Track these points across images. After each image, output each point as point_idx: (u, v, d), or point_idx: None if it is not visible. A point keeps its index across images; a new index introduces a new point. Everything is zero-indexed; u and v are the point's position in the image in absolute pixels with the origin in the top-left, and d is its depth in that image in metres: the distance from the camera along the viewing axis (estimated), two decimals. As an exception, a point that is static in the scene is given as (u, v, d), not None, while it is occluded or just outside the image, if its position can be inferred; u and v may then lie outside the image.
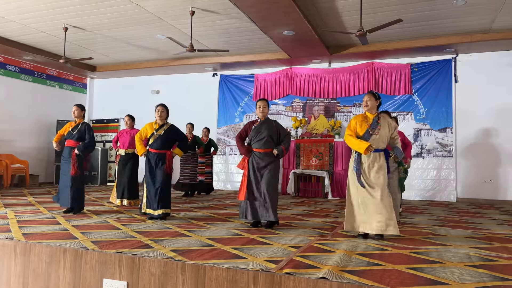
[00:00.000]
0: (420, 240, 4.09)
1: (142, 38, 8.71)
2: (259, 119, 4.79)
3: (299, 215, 5.76)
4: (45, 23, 7.87)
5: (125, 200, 6.48)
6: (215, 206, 6.67)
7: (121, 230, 4.21)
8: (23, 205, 6.13)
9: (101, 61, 10.70)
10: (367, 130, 4.09)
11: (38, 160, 10.81)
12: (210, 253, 3.26)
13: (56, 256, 3.33)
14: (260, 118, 4.77)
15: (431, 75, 9.00)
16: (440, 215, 6.25)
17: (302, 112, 10.06)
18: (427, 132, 8.95)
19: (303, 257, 3.19)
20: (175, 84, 11.31)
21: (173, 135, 5.20)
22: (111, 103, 12.04)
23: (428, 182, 8.83)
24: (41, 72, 10.93)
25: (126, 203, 6.47)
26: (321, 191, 8.97)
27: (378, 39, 8.17)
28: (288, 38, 7.80)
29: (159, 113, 5.19)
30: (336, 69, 9.73)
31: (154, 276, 3.01)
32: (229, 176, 10.46)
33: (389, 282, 2.59)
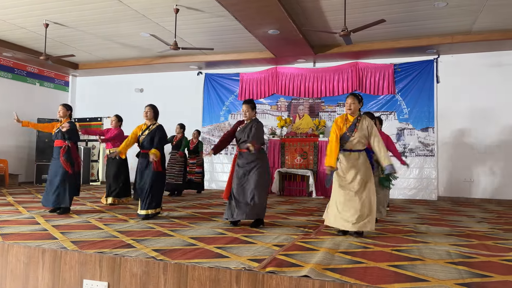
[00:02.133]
0: (402, 237, 4.14)
1: (126, 36, 8.59)
2: (246, 120, 4.80)
3: (283, 214, 5.77)
4: (25, 19, 7.70)
5: (110, 198, 6.41)
6: (199, 206, 6.63)
7: (102, 230, 4.14)
8: (2, 205, 5.98)
9: (83, 58, 10.52)
10: (345, 132, 4.16)
11: (18, 159, 10.57)
12: (192, 252, 3.24)
13: (35, 256, 3.25)
14: (246, 119, 4.78)
15: (413, 76, 9.13)
16: (422, 213, 6.35)
17: (287, 112, 10.08)
18: (410, 132, 9.08)
19: (286, 255, 3.19)
20: (159, 83, 11.20)
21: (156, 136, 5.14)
22: (94, 101, 11.86)
23: (411, 181, 8.95)
24: (21, 69, 10.69)
25: (111, 201, 6.40)
26: (305, 190, 9.01)
27: (362, 39, 8.24)
28: (273, 37, 7.80)
29: (145, 113, 5.19)
30: (320, 68, 9.78)
31: (136, 276, 2.97)
32: (214, 175, 10.42)
33: (370, 279, 2.61)
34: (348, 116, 4.25)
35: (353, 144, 4.14)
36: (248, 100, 4.80)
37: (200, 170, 8.86)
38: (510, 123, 8.41)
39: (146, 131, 5.15)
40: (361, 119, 4.20)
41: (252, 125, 4.71)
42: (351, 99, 4.20)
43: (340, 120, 4.25)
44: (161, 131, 5.17)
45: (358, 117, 4.22)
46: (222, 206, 6.60)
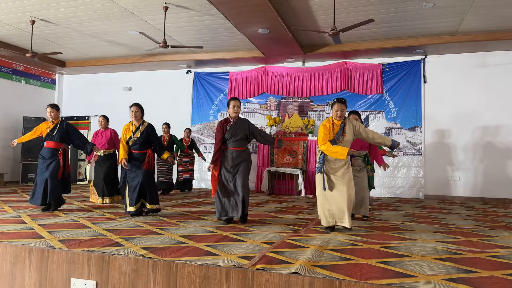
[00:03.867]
0: (389, 235, 4.19)
1: (114, 33, 8.51)
2: (232, 118, 4.77)
3: (272, 212, 5.78)
4: (11, 15, 7.57)
5: (107, 198, 6.44)
6: (189, 204, 6.61)
7: (90, 229, 4.10)
8: (-14, 205, 5.87)
9: (70, 56, 10.39)
10: (333, 139, 4.22)
11: (3, 158, 10.38)
12: (182, 250, 3.22)
13: (21, 256, 3.20)
14: (233, 117, 4.76)
15: (401, 75, 9.23)
16: (409, 211, 6.43)
17: (277, 111, 10.10)
18: (398, 131, 9.18)
19: (276, 253, 3.20)
20: (148, 81, 11.12)
21: (148, 136, 5.11)
22: (82, 100, 11.72)
23: (398, 180, 9.05)
24: (6, 66, 10.50)
25: (108, 201, 6.46)
26: (294, 189, 9.04)
27: (350, 39, 8.30)
28: (263, 36, 7.81)
29: (133, 114, 5.09)
30: (309, 68, 9.82)
31: (125, 274, 2.95)
32: (203, 174, 10.38)
33: (359, 275, 2.64)
34: (334, 121, 4.30)
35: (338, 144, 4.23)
36: (236, 97, 4.84)
37: (192, 167, 9.01)
38: (494, 123, 8.57)
39: (137, 132, 5.09)
40: (346, 122, 4.31)
41: (245, 123, 4.77)
42: (340, 106, 4.23)
43: (328, 125, 4.29)
44: (154, 131, 5.18)
45: (344, 120, 4.30)
46: (212, 205, 6.58)
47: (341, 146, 4.18)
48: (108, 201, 6.51)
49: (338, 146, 4.16)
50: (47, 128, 5.48)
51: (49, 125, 5.52)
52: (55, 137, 5.42)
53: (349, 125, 4.27)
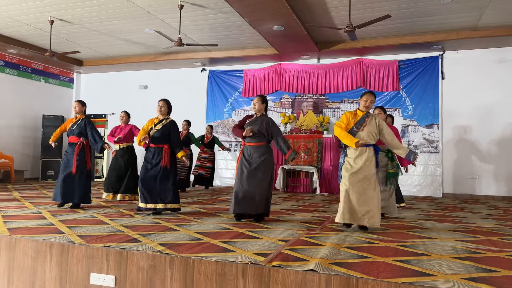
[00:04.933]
0: (407, 233, 4.14)
1: (130, 32, 8.61)
2: (255, 114, 4.82)
3: (287, 210, 5.78)
4: (31, 15, 7.73)
5: (119, 195, 6.35)
6: (204, 201, 6.65)
7: (108, 225, 4.17)
8: (8, 200, 6.02)
9: (88, 55, 10.55)
10: (352, 127, 4.20)
11: (23, 155, 10.63)
12: (198, 246, 3.25)
13: (42, 250, 3.28)
14: (256, 113, 4.80)
15: (418, 72, 9.09)
16: (427, 209, 6.34)
17: (291, 108, 10.07)
18: (414, 128, 9.06)
19: (292, 250, 3.20)
20: (163, 80, 11.22)
21: (168, 131, 5.14)
22: (99, 98, 11.88)
23: (415, 178, 8.94)
24: (26, 66, 10.74)
25: (119, 197, 6.33)
26: (309, 187, 9.01)
27: (366, 35, 8.22)
28: (277, 33, 7.79)
29: (159, 107, 5.17)
30: (325, 65, 9.76)
31: (142, 270, 2.99)
32: (218, 171, 10.43)
33: (376, 274, 2.62)
34: (357, 111, 4.29)
35: (360, 138, 4.15)
36: (261, 95, 4.92)
37: (210, 165, 8.99)
38: (516, 119, 8.38)
39: (159, 125, 5.11)
40: (370, 115, 4.24)
41: (264, 120, 4.71)
42: (371, 97, 4.20)
43: (349, 114, 4.29)
44: (175, 128, 5.14)
45: (367, 113, 4.25)
46: (227, 202, 6.61)
47: (360, 134, 4.14)
48: (119, 197, 6.33)
49: (347, 134, 4.14)
50: (70, 123, 5.63)
51: (72, 120, 5.67)
52: (74, 132, 5.52)
53: (372, 119, 4.22)
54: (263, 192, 4.56)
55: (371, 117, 4.24)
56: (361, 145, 4.11)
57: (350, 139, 4.11)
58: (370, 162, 4.14)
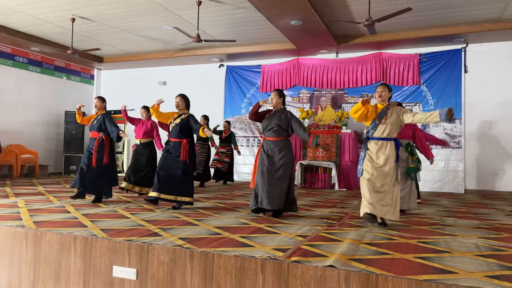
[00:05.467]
0: (427, 230, 4.08)
1: (149, 29, 8.70)
2: (274, 109, 4.81)
3: (306, 206, 5.77)
4: (53, 13, 7.90)
5: (137, 187, 6.47)
6: (222, 196, 6.70)
7: (129, 219, 4.25)
8: (33, 195, 6.20)
9: (108, 52, 10.72)
10: (374, 120, 4.18)
11: (47, 150, 10.92)
12: (218, 241, 3.29)
13: (67, 243, 3.37)
14: (274, 108, 4.79)
15: (440, 65, 8.90)
16: (448, 206, 6.23)
17: (309, 103, 10.02)
18: (436, 123, 8.86)
19: (310, 245, 3.20)
20: (181, 75, 11.31)
21: (186, 124, 5.18)
22: (118, 94, 12.06)
23: (436, 174, 8.78)
24: (49, 63, 10.99)
25: (138, 190, 6.45)
26: (327, 182, 8.96)
27: (386, 29, 8.08)
28: (295, 28, 7.75)
29: (176, 104, 5.25)
30: (343, 59, 9.66)
31: (163, 263, 3.04)
32: (236, 167, 10.46)
33: (397, 270, 2.59)
34: (377, 105, 4.28)
35: (381, 132, 4.12)
36: (277, 89, 4.91)
37: (228, 160, 9.02)
38: (542, 114, 8.12)
39: (178, 119, 5.16)
40: (390, 107, 4.21)
41: (283, 114, 4.69)
42: (382, 88, 4.25)
43: (371, 106, 4.26)
44: (194, 119, 5.17)
45: (388, 105, 4.21)
46: (244, 197, 6.65)
47: (382, 127, 4.11)
48: (138, 190, 6.46)
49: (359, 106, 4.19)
50: (92, 119, 5.75)
51: (94, 116, 5.78)
52: (95, 127, 5.62)
53: (392, 111, 4.18)
54: (283, 188, 4.54)
55: (392, 109, 4.19)
56: (366, 101, 4.17)
57: (357, 106, 4.19)
58: (390, 157, 4.10)
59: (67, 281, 3.32)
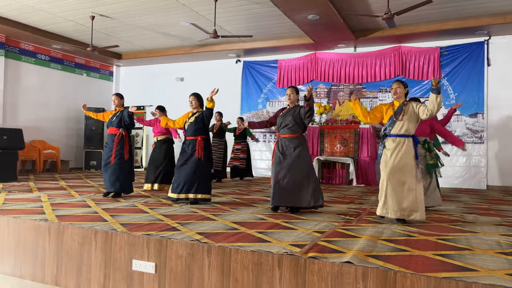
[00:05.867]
0: (448, 227, 4.02)
1: (166, 25, 8.77)
2: (288, 106, 4.80)
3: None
4: (73, 11, 8.04)
5: (156, 185, 6.60)
6: (239, 192, 6.73)
7: (148, 214, 4.32)
8: (55, 189, 6.36)
9: (126, 49, 10.86)
10: (391, 117, 4.13)
11: (68, 146, 11.17)
12: (235, 236, 3.31)
13: (88, 237, 3.45)
14: (289, 105, 4.78)
15: (461, 59, 8.70)
16: (469, 202, 6.11)
17: (327, 98, 9.94)
18: (457, 118, 8.69)
19: (327, 241, 3.19)
20: (198, 71, 11.37)
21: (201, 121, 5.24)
22: (137, 90, 12.24)
23: (457, 169, 8.61)
24: (69, 60, 11.21)
25: (157, 187, 6.59)
26: (345, 178, 8.89)
27: (405, 22, 7.93)
28: (313, 22, 7.68)
29: (189, 103, 5.33)
30: (361, 53, 9.53)
31: (181, 257, 3.08)
32: (253, 162, 10.48)
33: (415, 267, 2.56)
34: (394, 102, 4.24)
35: (398, 129, 4.08)
36: (293, 86, 4.90)
37: (244, 156, 9.08)
38: None
39: (192, 118, 5.24)
40: (407, 103, 4.15)
41: (296, 110, 4.68)
42: (397, 84, 4.20)
43: (384, 106, 4.24)
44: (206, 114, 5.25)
45: (405, 101, 4.15)
46: (262, 192, 6.67)
47: (399, 124, 4.06)
48: (157, 187, 6.59)
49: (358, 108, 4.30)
50: (110, 115, 5.84)
51: (112, 112, 5.88)
52: (114, 123, 5.71)
53: (409, 107, 4.12)
54: (302, 184, 4.52)
55: (408, 105, 4.14)
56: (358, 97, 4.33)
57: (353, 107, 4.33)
58: (408, 154, 4.03)
59: (89, 274, 3.40)
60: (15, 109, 9.84)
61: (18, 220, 3.80)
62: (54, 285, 3.53)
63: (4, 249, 3.80)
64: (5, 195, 5.47)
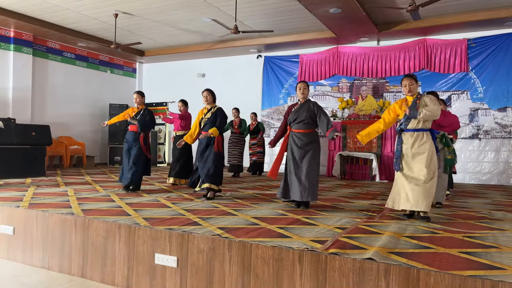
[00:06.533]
0: (474, 224, 3.91)
1: (188, 22, 8.83)
2: (299, 101, 4.77)
3: (345, 197, 5.68)
4: (97, 10, 8.20)
5: (172, 179, 6.72)
6: (260, 187, 6.74)
7: (170, 208, 4.38)
8: (81, 184, 6.53)
9: (149, 45, 11.00)
10: (407, 116, 4.02)
11: (93, 142, 11.44)
12: (255, 231, 3.31)
13: (112, 231, 3.53)
14: (301, 100, 4.74)
15: (490, 51, 8.40)
16: (497, 199, 5.92)
17: (349, 93, 9.80)
18: (485, 112, 8.41)
19: (349, 238, 3.15)
20: (220, 67, 11.41)
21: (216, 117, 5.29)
22: (159, 87, 12.40)
23: (485, 165, 8.35)
24: (94, 58, 11.45)
25: (172, 181, 6.70)
26: (368, 174, 8.77)
27: (431, 13, 7.71)
28: (335, 16, 7.57)
29: (204, 98, 5.37)
30: (385, 47, 9.34)
31: (202, 252, 3.11)
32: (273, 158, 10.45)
33: (440, 265, 2.50)
34: (407, 97, 4.14)
35: (415, 123, 3.99)
36: (303, 80, 4.88)
37: (261, 150, 9.14)
38: None
39: (209, 114, 5.33)
40: (421, 97, 4.06)
41: (310, 104, 4.64)
42: (409, 80, 4.06)
43: (399, 102, 4.15)
44: (221, 112, 5.35)
45: (418, 95, 4.07)
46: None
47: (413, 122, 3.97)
48: (172, 181, 6.69)
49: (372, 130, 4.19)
50: (132, 113, 5.94)
51: (134, 110, 5.98)
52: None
53: (422, 101, 4.02)
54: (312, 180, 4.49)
55: (422, 99, 4.04)
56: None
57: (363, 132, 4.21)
58: (426, 148, 3.94)
59: (113, 267, 3.48)
60: (43, 106, 10.14)
61: (46, 214, 3.92)
62: (80, 276, 3.63)
63: (33, 242, 3.94)
64: (34, 190, 5.66)
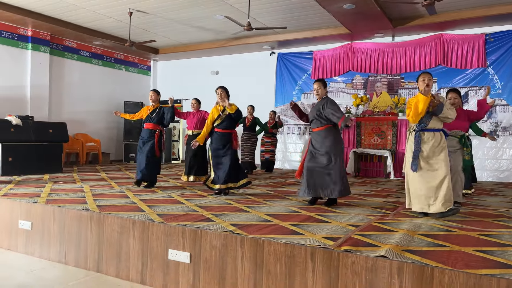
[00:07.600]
0: (491, 222, 3.83)
1: (201, 19, 8.85)
2: (317, 99, 4.75)
3: (359, 195, 5.64)
4: (112, 8, 8.29)
5: (192, 176, 6.73)
6: (273, 184, 6.74)
7: (184, 205, 4.41)
8: (97, 180, 6.64)
9: (163, 43, 11.09)
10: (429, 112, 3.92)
11: (108, 139, 11.60)
12: (268, 228, 3.32)
13: (126, 226, 3.58)
14: (318, 98, 4.72)
15: (509, 46, 8.22)
16: (516, 197, 5.79)
17: (364, 89, 9.71)
18: (503, 108, 8.24)
19: (362, 235, 3.13)
20: (233, 64, 11.42)
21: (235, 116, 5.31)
22: (174, 84, 12.48)
23: (503, 162, 8.18)
24: (109, 56, 11.59)
25: (192, 179, 6.72)
26: (382, 171, 8.68)
27: (447, 8, 7.57)
28: (349, 12, 7.50)
29: (219, 95, 5.34)
30: (400, 42, 9.22)
31: (215, 248, 3.13)
32: (287, 155, 10.47)
33: (454, 263, 2.47)
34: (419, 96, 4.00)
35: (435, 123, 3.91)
36: (319, 79, 4.79)
37: (274, 149, 9.17)
38: None
39: (226, 112, 5.29)
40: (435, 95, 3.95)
41: (323, 103, 4.60)
42: (427, 76, 3.91)
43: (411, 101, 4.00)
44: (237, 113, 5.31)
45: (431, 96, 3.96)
46: (295, 185, 6.63)
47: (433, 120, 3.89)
48: (192, 179, 6.69)
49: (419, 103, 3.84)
50: (148, 111, 6.02)
51: (150, 108, 6.05)
52: (154, 119, 5.94)
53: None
54: (334, 176, 4.46)
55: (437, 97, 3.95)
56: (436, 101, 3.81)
57: (423, 101, 3.80)
58: (438, 147, 3.87)
59: (127, 262, 3.54)
60: (60, 104, 10.32)
61: (63, 210, 4.00)
62: (96, 271, 3.70)
63: (50, 237, 4.02)
64: (51, 186, 5.77)
